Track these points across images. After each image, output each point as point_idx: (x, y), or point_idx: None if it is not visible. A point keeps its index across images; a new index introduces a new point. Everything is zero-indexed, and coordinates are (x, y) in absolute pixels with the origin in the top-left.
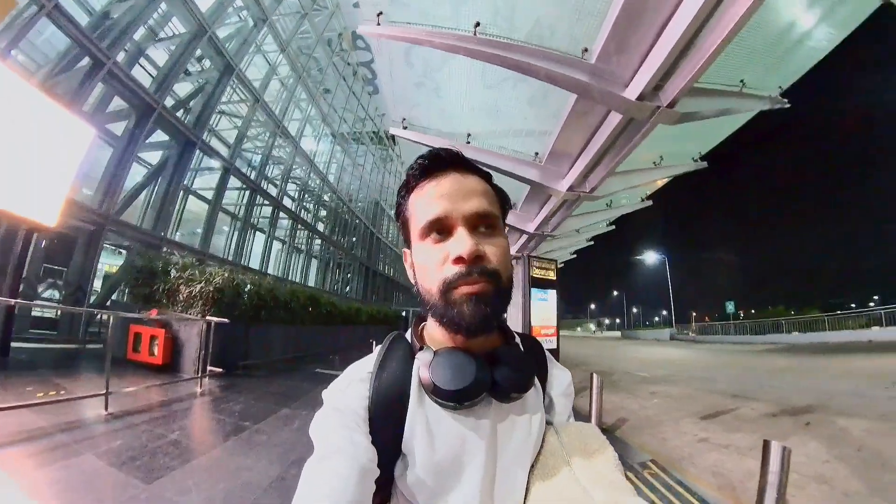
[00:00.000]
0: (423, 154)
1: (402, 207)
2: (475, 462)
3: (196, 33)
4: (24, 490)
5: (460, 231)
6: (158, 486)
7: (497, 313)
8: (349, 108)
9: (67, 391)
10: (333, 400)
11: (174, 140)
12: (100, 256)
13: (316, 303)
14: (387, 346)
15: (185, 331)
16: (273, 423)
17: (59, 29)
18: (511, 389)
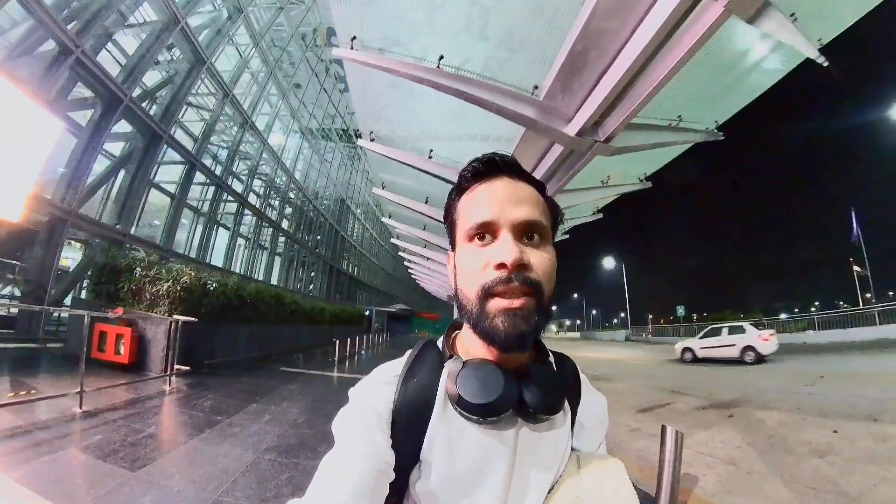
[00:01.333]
0: (477, 157)
1: (450, 209)
2: (492, 478)
3: (168, 22)
4: (17, 482)
5: (505, 236)
6: (144, 473)
7: (536, 331)
8: (319, 104)
9: (38, 391)
10: (359, 399)
11: (139, 132)
12: (61, 252)
13: (280, 302)
14: (417, 351)
15: (152, 329)
16: (244, 417)
17: (24, 8)
18: (538, 410)
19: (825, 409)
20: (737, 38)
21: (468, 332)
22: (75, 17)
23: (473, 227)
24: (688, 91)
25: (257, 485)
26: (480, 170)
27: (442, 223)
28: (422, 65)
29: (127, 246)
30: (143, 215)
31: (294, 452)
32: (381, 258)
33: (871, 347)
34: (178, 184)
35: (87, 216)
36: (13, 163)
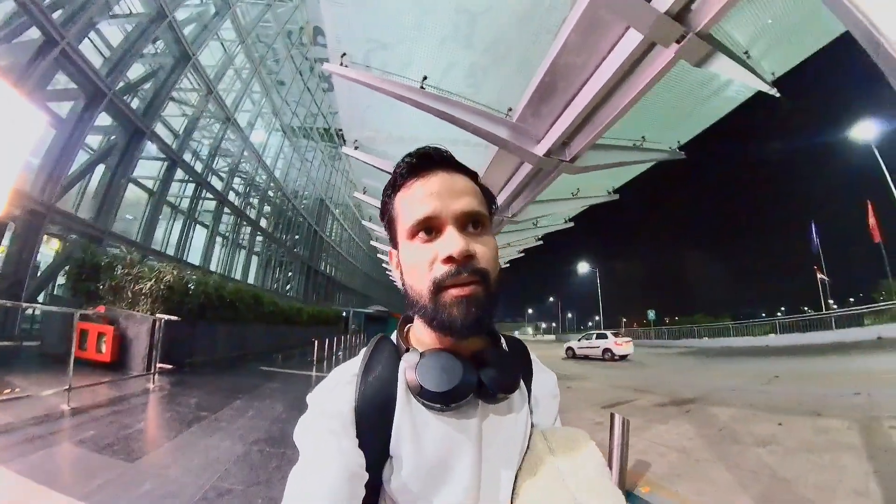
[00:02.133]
0: (410, 152)
1: (387, 206)
2: (462, 464)
3: (156, 16)
4: (20, 474)
5: (450, 230)
6: (141, 464)
7: (488, 315)
8: (302, 102)
9: (22, 389)
10: (319, 404)
11: (121, 127)
12: (39, 247)
13: (259, 302)
14: (372, 347)
15: (134, 328)
16: (229, 412)
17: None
18: (498, 390)
19: (774, 405)
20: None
21: (420, 325)
22: (59, 4)
23: (416, 223)
24: (651, 114)
25: (249, 471)
26: (415, 165)
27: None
28: (406, 84)
29: (106, 243)
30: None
31: (280, 444)
32: (358, 259)
33: (828, 350)
34: (156, 180)
35: (66, 211)
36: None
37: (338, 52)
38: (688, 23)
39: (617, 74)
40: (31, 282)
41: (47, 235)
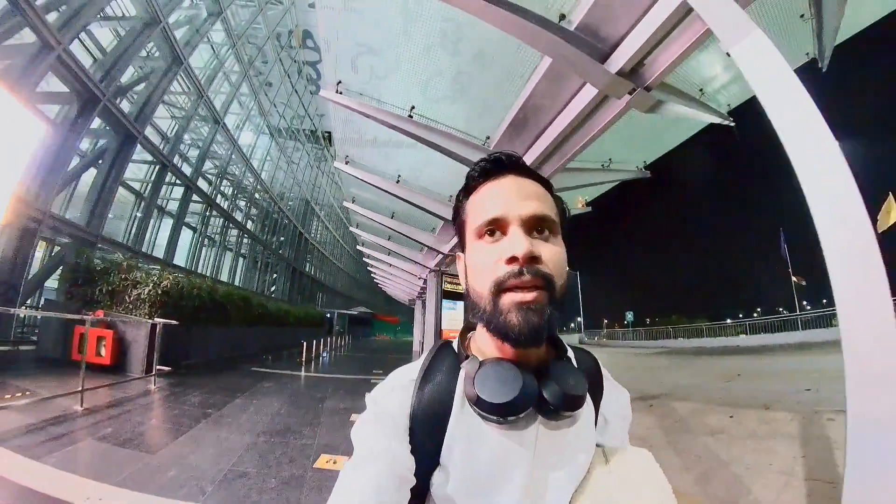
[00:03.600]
0: (483, 157)
1: (458, 210)
2: (515, 480)
3: (149, 20)
4: (56, 467)
5: (515, 230)
6: (162, 454)
7: (549, 324)
8: (290, 104)
9: (33, 392)
10: (375, 405)
11: (114, 131)
12: (35, 253)
13: (248, 304)
14: (433, 353)
15: (132, 332)
16: (232, 409)
17: (10, 3)
18: (559, 407)
19: (732, 400)
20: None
21: (482, 332)
22: (53, 6)
23: (483, 224)
24: (617, 139)
25: (259, 458)
26: (488, 168)
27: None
28: (396, 113)
29: (99, 247)
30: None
31: (283, 435)
32: (343, 260)
33: (793, 350)
34: (143, 182)
35: (62, 216)
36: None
37: (333, 81)
38: (638, 79)
39: (578, 118)
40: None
41: (43, 241)
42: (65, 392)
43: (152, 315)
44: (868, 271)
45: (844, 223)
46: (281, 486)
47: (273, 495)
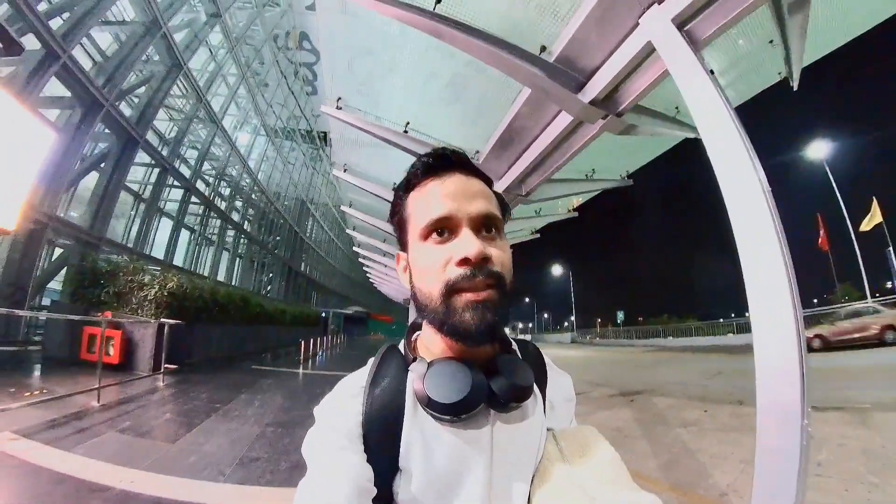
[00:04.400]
0: (426, 152)
1: (399, 206)
2: (475, 475)
3: (150, 25)
4: (87, 456)
5: (466, 232)
6: (181, 443)
7: (502, 321)
8: (286, 105)
9: (49, 391)
10: (326, 418)
11: (116, 135)
12: (42, 256)
13: (247, 304)
14: (379, 358)
15: (139, 332)
16: (238, 403)
17: (14, 10)
18: (510, 399)
19: (709, 396)
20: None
21: (429, 332)
22: (56, 13)
23: (430, 224)
24: (600, 151)
25: (269, 445)
26: (431, 164)
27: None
28: (393, 129)
29: (103, 249)
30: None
31: (289, 425)
32: (338, 260)
33: None
34: (142, 184)
35: (66, 220)
36: (7, 172)
37: (333, 96)
38: (611, 106)
39: (557, 139)
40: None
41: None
42: (80, 390)
43: (158, 315)
44: (775, 285)
45: (758, 242)
46: (290, 469)
47: (284, 475)
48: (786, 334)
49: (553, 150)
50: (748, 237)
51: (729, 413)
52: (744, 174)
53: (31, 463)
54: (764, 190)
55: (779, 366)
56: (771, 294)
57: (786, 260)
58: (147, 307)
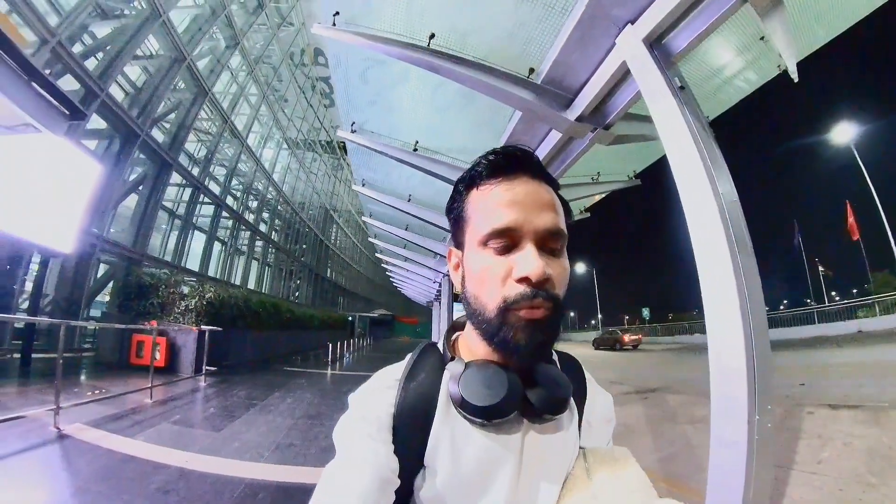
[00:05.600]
0: (493, 149)
1: (459, 203)
2: (500, 483)
3: (175, 57)
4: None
5: (529, 248)
6: (226, 432)
7: (552, 340)
8: (306, 118)
9: (106, 390)
10: (359, 406)
11: (151, 161)
12: (93, 272)
13: (278, 310)
14: (417, 354)
15: (182, 338)
16: (273, 400)
17: (55, 57)
18: (544, 410)
19: None
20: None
21: (471, 334)
22: (91, 53)
23: (493, 232)
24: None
25: (301, 434)
26: (499, 164)
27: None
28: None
29: (144, 264)
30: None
31: (319, 418)
32: (362, 265)
33: (806, 344)
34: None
35: (112, 240)
36: (65, 203)
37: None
38: (598, 120)
39: (552, 151)
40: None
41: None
42: (134, 389)
43: (199, 323)
44: (726, 297)
45: (713, 252)
46: (320, 453)
47: (315, 458)
48: (735, 340)
49: (551, 160)
50: (703, 252)
51: None
52: (702, 192)
53: (103, 447)
54: (722, 206)
55: (729, 367)
56: (721, 304)
57: (738, 271)
58: (188, 316)
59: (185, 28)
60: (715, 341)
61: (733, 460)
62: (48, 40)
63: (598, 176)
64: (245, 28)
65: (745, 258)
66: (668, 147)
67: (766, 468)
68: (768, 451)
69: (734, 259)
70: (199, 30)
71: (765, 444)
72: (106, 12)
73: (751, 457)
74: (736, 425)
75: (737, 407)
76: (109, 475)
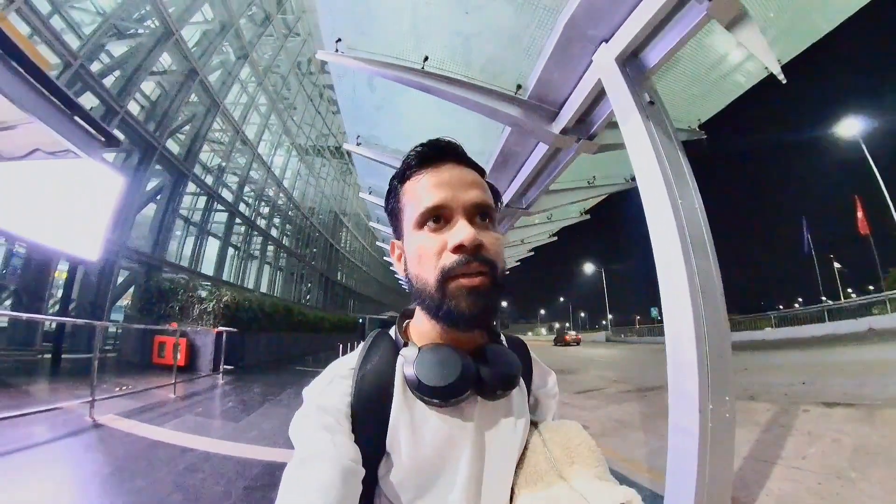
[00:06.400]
0: (421, 143)
1: (394, 196)
2: (461, 461)
3: (188, 73)
4: (175, 430)
5: (460, 220)
6: (243, 423)
7: (494, 306)
8: (314, 125)
9: (132, 386)
10: (315, 398)
11: (167, 172)
12: (116, 279)
13: (290, 313)
14: (370, 342)
15: (201, 339)
16: (286, 396)
17: (81, 82)
18: (497, 387)
19: None
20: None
21: (422, 318)
22: (109, 71)
23: (425, 212)
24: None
25: None
26: (426, 155)
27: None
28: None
29: (163, 270)
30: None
31: None
32: (372, 267)
33: (816, 343)
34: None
35: (132, 248)
36: (92, 215)
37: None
38: (583, 131)
39: (542, 160)
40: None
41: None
42: (158, 385)
43: (217, 325)
44: (680, 302)
45: (669, 258)
46: None
47: None
48: (688, 338)
49: (542, 168)
50: (660, 257)
51: (736, 408)
52: (662, 203)
53: (135, 434)
54: (680, 216)
55: (682, 362)
56: (676, 306)
57: (692, 276)
58: (206, 318)
59: (195, 41)
60: (671, 339)
61: (687, 445)
62: (71, 63)
63: (593, 179)
64: (253, 40)
65: (702, 262)
66: (634, 160)
67: (722, 454)
68: (725, 439)
69: (689, 264)
70: (209, 44)
71: (721, 432)
72: (121, 31)
73: (703, 443)
74: (689, 414)
75: (689, 398)
76: (143, 457)
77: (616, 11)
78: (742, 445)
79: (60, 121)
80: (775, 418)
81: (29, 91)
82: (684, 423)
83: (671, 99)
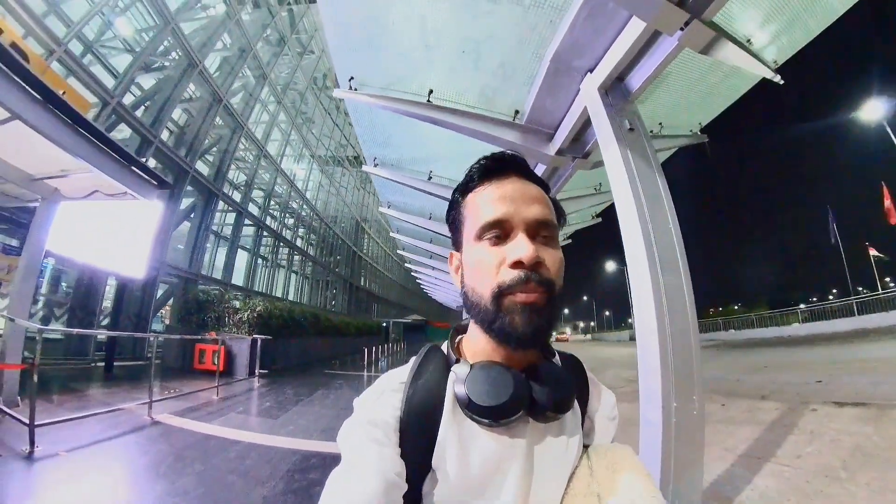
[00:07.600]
0: (485, 155)
1: (455, 207)
2: (508, 483)
3: (213, 100)
4: (221, 425)
5: (521, 235)
6: (281, 420)
7: (550, 326)
8: (333, 137)
9: (178, 389)
10: (364, 410)
11: (198, 192)
12: (157, 293)
13: (318, 319)
14: (422, 357)
15: (237, 346)
16: (317, 397)
17: (117, 116)
18: (549, 409)
19: (737, 391)
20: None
21: (475, 334)
22: (140, 103)
23: (486, 225)
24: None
25: (342, 420)
26: (489, 168)
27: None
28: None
29: (199, 282)
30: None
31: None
32: (394, 272)
33: (843, 338)
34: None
35: (172, 264)
36: (138, 239)
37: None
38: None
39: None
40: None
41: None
42: (202, 388)
43: (251, 332)
44: (646, 308)
45: (639, 274)
46: None
47: None
48: (652, 343)
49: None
50: (633, 273)
51: (745, 408)
52: (633, 224)
53: (187, 429)
54: (650, 237)
55: (649, 364)
56: (644, 317)
57: (658, 292)
58: (242, 327)
59: (216, 67)
60: (640, 346)
61: (652, 437)
62: (109, 102)
63: (599, 186)
64: (271, 61)
65: (672, 278)
66: (612, 185)
67: (689, 448)
68: (693, 434)
69: (655, 281)
70: (230, 70)
71: (687, 427)
72: (148, 65)
73: (667, 436)
74: (653, 409)
75: (653, 395)
76: (197, 447)
77: (597, 45)
78: (740, 444)
79: (121, 172)
80: (781, 417)
81: (98, 153)
82: (650, 416)
83: (673, 100)
